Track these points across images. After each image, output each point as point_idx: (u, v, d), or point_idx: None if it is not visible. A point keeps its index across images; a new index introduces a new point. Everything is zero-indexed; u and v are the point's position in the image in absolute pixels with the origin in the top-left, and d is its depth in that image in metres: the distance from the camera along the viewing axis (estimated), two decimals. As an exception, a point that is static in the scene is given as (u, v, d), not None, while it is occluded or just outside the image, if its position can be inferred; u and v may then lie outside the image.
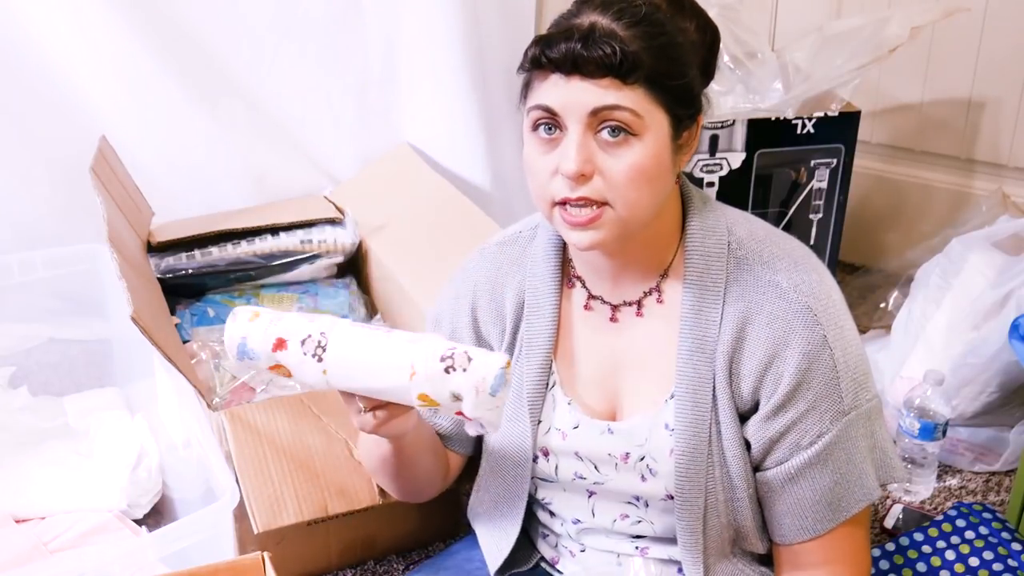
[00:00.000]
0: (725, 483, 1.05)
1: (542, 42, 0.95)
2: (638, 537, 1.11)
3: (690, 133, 1.01)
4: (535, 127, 0.98)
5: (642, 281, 1.07)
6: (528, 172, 1.00)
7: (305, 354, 0.95)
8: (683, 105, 0.98)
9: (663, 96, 0.95)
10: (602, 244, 0.99)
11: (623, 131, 0.94)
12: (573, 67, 0.93)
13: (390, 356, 0.94)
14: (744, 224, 1.07)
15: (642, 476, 1.07)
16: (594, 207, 0.96)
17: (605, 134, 0.94)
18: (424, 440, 1.17)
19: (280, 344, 0.95)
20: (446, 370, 0.92)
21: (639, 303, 1.08)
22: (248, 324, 0.96)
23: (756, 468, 1.07)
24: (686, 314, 1.04)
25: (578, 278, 1.11)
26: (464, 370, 0.92)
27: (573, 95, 0.94)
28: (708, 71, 1.04)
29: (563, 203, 0.97)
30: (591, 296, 1.10)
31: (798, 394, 1.01)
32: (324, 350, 0.95)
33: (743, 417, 1.06)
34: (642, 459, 1.07)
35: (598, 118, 0.94)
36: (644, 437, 1.07)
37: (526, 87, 0.99)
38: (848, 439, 1.03)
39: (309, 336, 0.95)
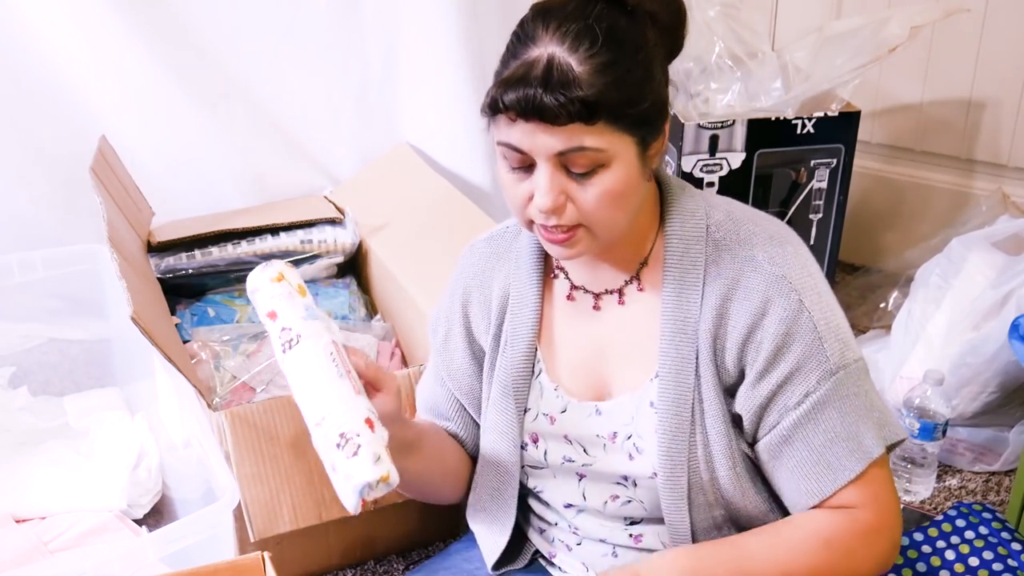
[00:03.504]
0: (708, 462, 1.06)
1: (501, 86, 0.95)
2: (631, 523, 1.12)
3: (659, 143, 1.02)
4: (504, 157, 1.00)
5: (623, 270, 1.10)
6: (504, 193, 1.03)
7: (279, 339, 1.01)
8: (648, 125, 0.99)
9: (627, 124, 0.96)
10: (580, 255, 1.03)
11: (591, 164, 0.96)
12: (534, 113, 0.93)
13: (316, 398, 0.98)
14: (722, 207, 1.09)
15: (629, 455, 1.08)
16: (570, 229, 0.99)
17: (574, 168, 0.96)
18: (429, 457, 1.19)
19: (272, 316, 1.01)
20: (336, 445, 0.96)
21: (620, 291, 1.10)
22: (268, 283, 1.02)
23: (754, 442, 1.07)
24: (667, 297, 1.06)
25: (561, 269, 1.14)
26: (345, 457, 0.95)
27: (538, 139, 0.95)
28: (674, 52, 1.05)
29: (539, 226, 1.00)
30: (574, 286, 1.12)
31: (780, 357, 1.02)
32: (291, 347, 1.00)
33: (731, 391, 1.06)
34: (629, 438, 1.08)
35: (565, 157, 0.95)
36: (630, 416, 1.08)
37: (491, 117, 0.99)
38: (840, 398, 1.03)
39: (290, 329, 1.00)
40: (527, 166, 0.98)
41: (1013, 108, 2.11)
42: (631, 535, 1.12)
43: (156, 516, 1.61)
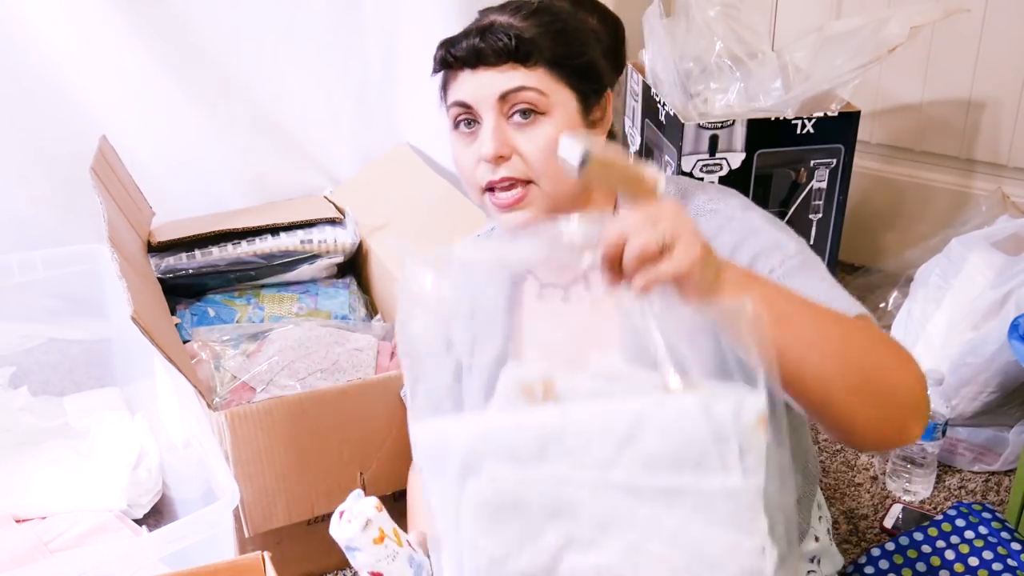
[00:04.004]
0: None
1: (447, 44, 1.05)
2: None
3: (601, 109, 1.07)
4: (456, 124, 1.06)
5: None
6: (457, 166, 1.08)
7: None
8: (587, 81, 1.04)
9: (565, 74, 1.02)
10: (533, 221, 1.05)
11: (532, 111, 1.01)
12: (477, 59, 1.01)
13: None
14: (673, 181, 1.14)
15: None
16: (519, 187, 1.03)
17: (516, 117, 1.02)
18: None
19: (377, 575, 1.00)
20: None
21: (585, 275, 1.13)
22: (370, 545, 0.99)
23: None
24: None
25: (529, 272, 1.16)
26: None
27: (481, 85, 1.02)
28: (617, 60, 1.11)
29: (491, 189, 1.04)
30: (543, 285, 1.15)
31: (736, 256, 1.00)
32: None
33: None
34: None
35: (507, 102, 1.01)
36: None
37: (443, 89, 1.07)
38: (806, 270, 0.99)
39: None
40: (474, 129, 1.03)
41: (1013, 108, 2.11)
42: None
43: (156, 516, 1.61)
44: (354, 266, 1.97)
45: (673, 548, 0.77)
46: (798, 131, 1.88)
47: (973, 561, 1.42)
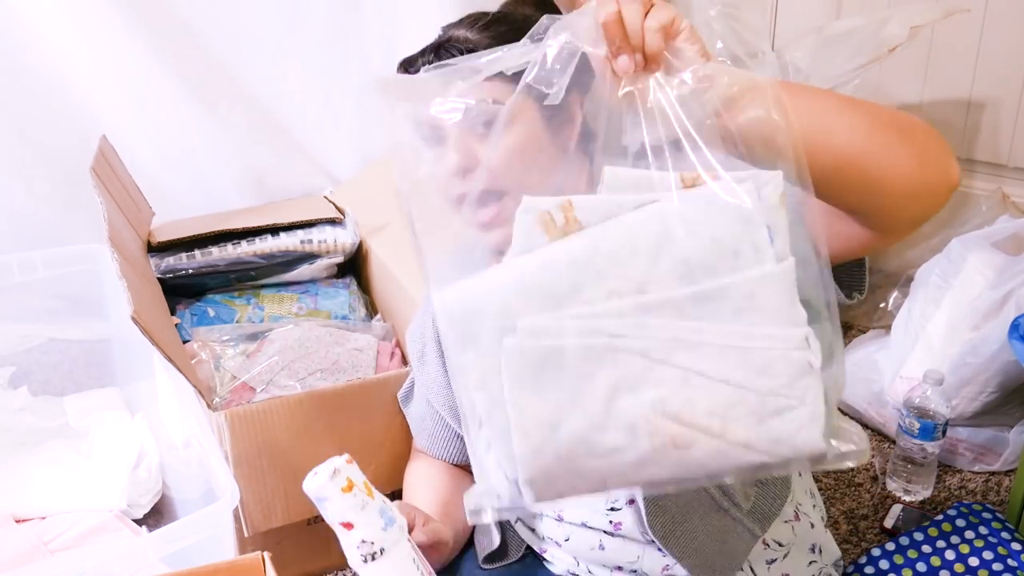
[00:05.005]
0: None
1: (405, 63, 1.06)
2: (611, 508, 1.13)
3: (570, 129, 1.05)
4: (426, 144, 1.05)
5: None
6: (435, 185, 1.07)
7: (358, 550, 0.98)
8: (545, 84, 1.01)
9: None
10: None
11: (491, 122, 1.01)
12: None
13: None
14: None
15: None
16: (493, 203, 1.01)
17: (478, 128, 1.01)
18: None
19: (347, 526, 0.99)
20: None
21: None
22: (339, 494, 0.98)
23: None
24: None
25: None
26: None
27: None
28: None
29: (464, 199, 1.02)
30: None
31: None
32: (373, 560, 0.98)
33: None
34: None
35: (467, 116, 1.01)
36: None
37: None
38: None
39: (372, 542, 0.98)
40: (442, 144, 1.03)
41: (1013, 108, 2.11)
42: (611, 521, 1.13)
43: (156, 516, 1.61)
44: (354, 266, 1.97)
45: (722, 363, 0.74)
46: (798, 131, 1.88)
47: (973, 561, 1.42)
